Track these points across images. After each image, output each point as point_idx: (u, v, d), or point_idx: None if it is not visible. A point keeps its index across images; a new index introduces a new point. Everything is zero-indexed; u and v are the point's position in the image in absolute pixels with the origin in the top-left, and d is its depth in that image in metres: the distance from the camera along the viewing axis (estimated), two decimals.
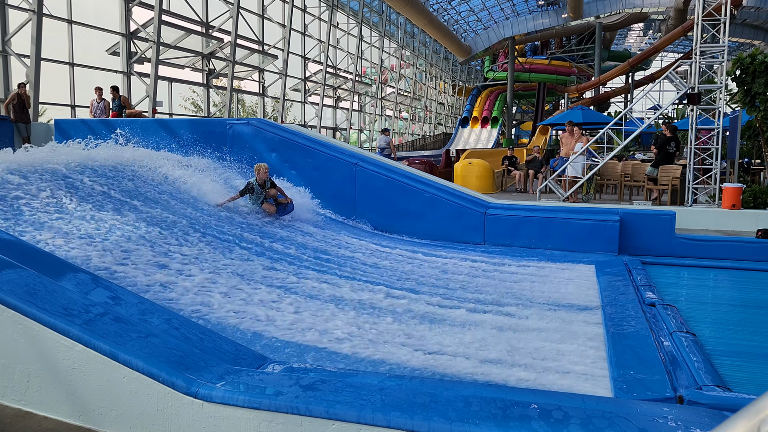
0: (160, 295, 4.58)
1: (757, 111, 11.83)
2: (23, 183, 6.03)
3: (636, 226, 8.12)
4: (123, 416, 2.84)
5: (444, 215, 8.86)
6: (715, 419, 2.49)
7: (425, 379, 3.11)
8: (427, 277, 6.53)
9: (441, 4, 35.75)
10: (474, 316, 5.01)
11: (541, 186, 12.81)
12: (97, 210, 6.06)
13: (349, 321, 4.69)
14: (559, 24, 39.97)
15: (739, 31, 39.23)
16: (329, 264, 6.59)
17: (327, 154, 9.62)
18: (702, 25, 11.24)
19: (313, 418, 2.50)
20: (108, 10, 15.33)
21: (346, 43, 28.95)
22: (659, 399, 3.26)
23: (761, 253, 7.53)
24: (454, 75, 50.08)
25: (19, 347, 3.01)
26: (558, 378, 3.76)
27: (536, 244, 8.33)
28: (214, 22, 18.53)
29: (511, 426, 2.31)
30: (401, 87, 37.08)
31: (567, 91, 40.74)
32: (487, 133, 38.37)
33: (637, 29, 53.29)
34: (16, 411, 3.03)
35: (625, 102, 45.20)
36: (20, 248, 3.88)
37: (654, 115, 13.75)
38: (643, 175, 12.60)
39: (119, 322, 3.11)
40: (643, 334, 4.37)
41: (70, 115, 14.17)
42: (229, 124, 10.14)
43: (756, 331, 4.84)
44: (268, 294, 5.10)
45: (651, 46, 37.78)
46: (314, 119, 25.37)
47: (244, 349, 3.59)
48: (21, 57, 12.44)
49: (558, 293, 5.94)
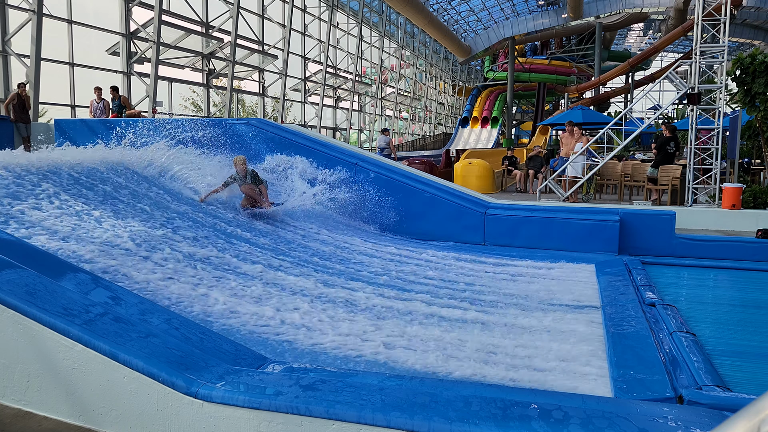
0: (159, 293, 4.59)
1: (757, 111, 11.83)
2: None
3: (636, 226, 8.12)
4: (123, 416, 2.84)
5: (444, 215, 8.86)
6: (715, 419, 2.49)
7: (425, 379, 3.11)
8: (427, 277, 6.53)
9: (441, 4, 35.75)
10: (474, 316, 5.01)
11: (541, 186, 12.81)
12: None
13: (346, 319, 4.69)
14: (559, 24, 39.97)
15: (739, 31, 39.24)
16: (327, 261, 6.59)
17: (327, 154, 9.62)
18: (702, 25, 11.24)
19: (313, 418, 2.50)
20: (108, 10, 15.34)
21: (346, 43, 28.95)
22: (659, 399, 3.26)
23: (761, 253, 7.53)
24: (454, 75, 50.09)
25: (19, 347, 3.01)
26: (558, 378, 3.76)
27: (536, 244, 8.33)
28: (214, 22, 18.53)
29: (511, 426, 2.31)
30: (401, 87, 37.07)
31: (567, 91, 40.75)
32: (487, 133, 38.38)
33: (637, 29, 53.30)
34: (16, 411, 3.03)
35: (625, 102, 45.21)
36: (20, 248, 3.88)
37: (654, 115, 13.74)
38: (643, 175, 12.61)
39: (119, 322, 3.11)
40: (643, 334, 4.37)
41: (70, 115, 14.17)
42: (229, 124, 10.14)
43: (756, 331, 4.84)
44: (263, 289, 5.11)
45: (651, 46, 37.78)
46: (314, 119, 25.37)
47: (244, 349, 3.59)
48: (21, 57, 12.45)
49: (558, 293, 5.93)
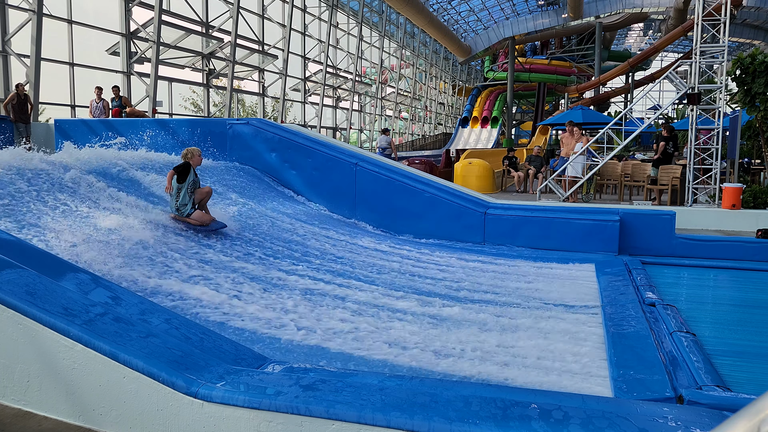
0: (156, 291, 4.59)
1: (757, 111, 11.83)
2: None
3: (636, 226, 8.12)
4: (123, 416, 2.84)
5: (444, 215, 8.86)
6: (715, 419, 2.48)
7: (425, 379, 3.11)
8: (426, 276, 6.53)
9: (441, 4, 35.76)
10: (473, 316, 5.01)
11: (541, 186, 12.81)
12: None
13: (345, 319, 4.70)
14: (559, 24, 39.98)
15: (739, 31, 39.25)
16: (325, 261, 6.59)
17: (327, 154, 9.62)
18: (702, 25, 11.24)
19: (313, 418, 2.50)
20: (108, 10, 15.34)
21: (346, 43, 28.95)
22: (659, 399, 3.26)
23: (761, 253, 7.53)
24: (454, 75, 50.08)
25: (19, 347, 3.01)
26: (558, 378, 3.75)
27: (536, 244, 8.32)
28: (214, 22, 18.53)
29: (511, 426, 2.31)
30: (401, 87, 37.07)
31: (567, 91, 40.77)
32: (487, 133, 38.38)
33: (637, 29, 53.30)
34: (16, 411, 3.03)
35: (625, 102, 45.22)
36: (20, 248, 3.88)
37: (654, 115, 13.75)
38: (643, 175, 12.61)
39: (119, 322, 3.10)
40: (643, 334, 4.36)
41: (70, 115, 14.17)
42: (229, 124, 10.14)
43: (756, 331, 4.83)
44: (263, 292, 5.11)
45: (651, 46, 37.78)
46: (314, 119, 25.37)
47: (244, 349, 3.59)
48: (21, 57, 12.45)
49: (558, 293, 5.93)
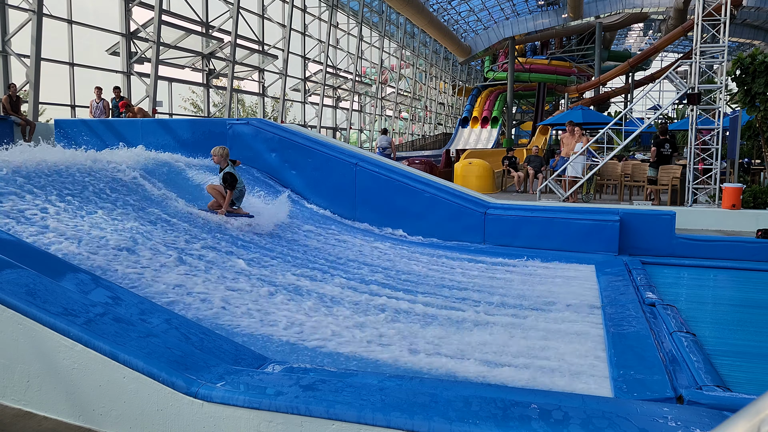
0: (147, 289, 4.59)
1: (757, 111, 11.83)
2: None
3: (636, 226, 8.11)
4: (123, 416, 2.84)
5: (444, 215, 8.85)
6: (715, 419, 2.48)
7: (425, 379, 3.11)
8: (426, 276, 6.53)
9: (441, 4, 35.77)
10: (473, 316, 5.01)
11: (541, 186, 12.81)
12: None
13: (346, 319, 4.69)
14: (559, 24, 40.01)
15: (739, 31, 39.27)
16: (325, 262, 6.59)
17: (327, 154, 9.61)
18: (702, 25, 11.24)
19: (313, 418, 2.49)
20: (108, 10, 15.35)
21: (346, 43, 28.95)
22: (659, 399, 3.26)
23: (761, 253, 7.53)
24: (454, 75, 50.09)
25: (19, 347, 3.01)
26: (558, 378, 3.75)
27: (536, 244, 8.32)
28: (214, 22, 18.53)
29: (511, 426, 2.31)
30: (401, 87, 37.07)
31: (567, 91, 40.79)
32: (487, 133, 38.40)
33: (637, 29, 53.32)
34: (16, 411, 3.03)
35: (625, 102, 45.21)
36: (20, 248, 3.88)
37: (654, 115, 13.75)
38: (643, 175, 12.61)
39: (119, 322, 3.10)
40: (643, 334, 4.36)
41: (70, 115, 14.18)
42: (229, 124, 10.14)
43: (756, 331, 4.83)
44: (260, 289, 5.11)
45: (651, 46, 37.80)
46: (314, 119, 25.37)
47: (244, 349, 3.59)
48: (21, 57, 12.45)
49: (558, 293, 5.93)
